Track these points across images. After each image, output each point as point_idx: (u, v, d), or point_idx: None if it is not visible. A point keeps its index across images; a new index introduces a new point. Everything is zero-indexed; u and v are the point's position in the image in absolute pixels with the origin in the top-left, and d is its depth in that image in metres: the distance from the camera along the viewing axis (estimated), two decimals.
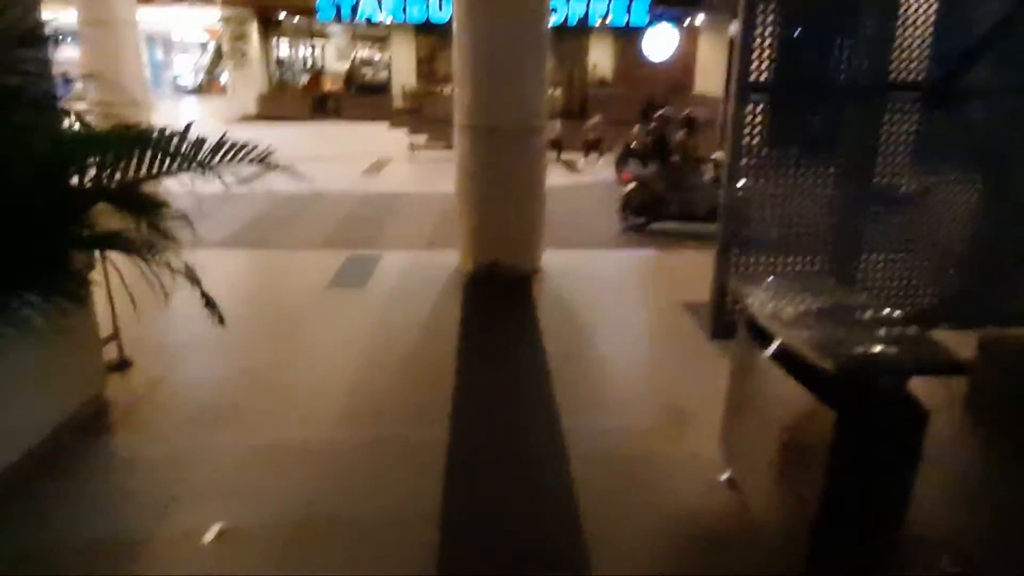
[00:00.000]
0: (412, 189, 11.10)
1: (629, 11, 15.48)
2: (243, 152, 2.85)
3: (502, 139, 5.98)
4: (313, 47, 19.97)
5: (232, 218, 8.89)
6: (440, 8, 15.28)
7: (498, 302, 5.89)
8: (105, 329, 4.29)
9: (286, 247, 7.55)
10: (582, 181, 12.20)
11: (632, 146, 11.89)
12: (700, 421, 3.77)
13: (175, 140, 2.74)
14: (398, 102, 16.92)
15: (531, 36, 5.93)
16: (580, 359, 4.80)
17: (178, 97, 26.42)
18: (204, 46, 28.63)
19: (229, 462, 3.44)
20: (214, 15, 16.59)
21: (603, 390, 4.31)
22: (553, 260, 6.67)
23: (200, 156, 2.78)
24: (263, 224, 8.65)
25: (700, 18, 17.09)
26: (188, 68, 30.16)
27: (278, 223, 8.72)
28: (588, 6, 15.25)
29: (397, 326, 5.23)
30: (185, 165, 2.76)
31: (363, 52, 22.10)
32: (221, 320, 3.18)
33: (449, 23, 16.54)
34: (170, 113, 18.69)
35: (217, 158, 2.80)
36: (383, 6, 15.27)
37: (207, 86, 24.83)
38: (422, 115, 15.84)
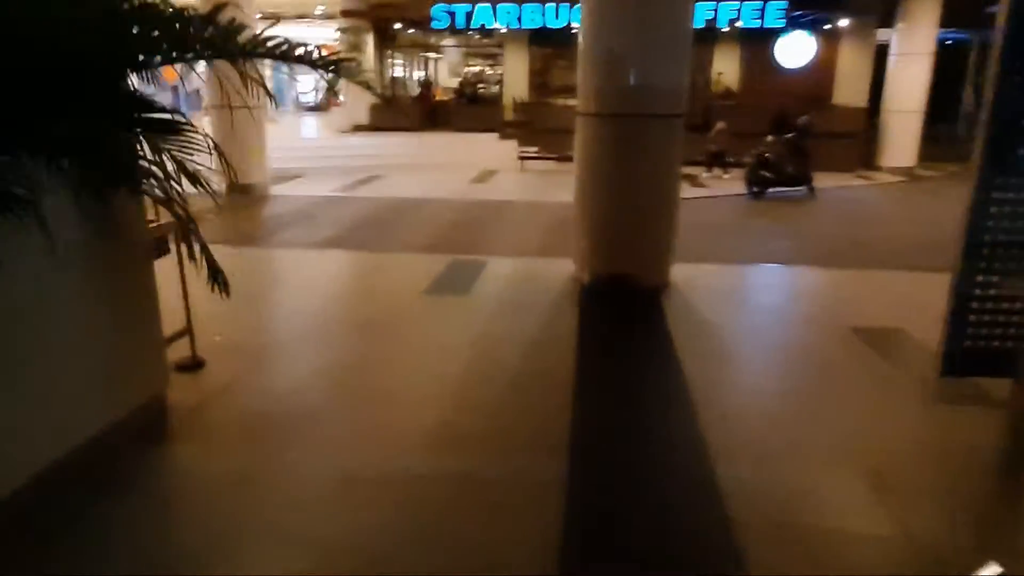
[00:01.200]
0: (521, 198, 10.43)
1: (763, 14, 14.28)
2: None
3: (636, 128, 5.14)
4: (426, 60, 20.00)
5: (336, 221, 8.52)
6: (556, 15, 14.71)
7: (622, 318, 5.01)
8: (177, 323, 3.78)
9: (387, 250, 7.01)
10: (708, 194, 11.11)
11: (766, 157, 10.73)
12: (910, 489, 2.75)
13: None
14: (509, 113, 16.45)
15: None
16: (730, 389, 3.84)
17: (299, 113, 27.43)
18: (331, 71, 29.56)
19: (296, 491, 2.76)
20: (335, 32, 16.81)
21: (766, 433, 3.34)
22: (684, 274, 5.71)
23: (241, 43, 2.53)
24: (366, 227, 8.20)
25: (841, 23, 15.62)
26: (310, 86, 31.41)
27: (381, 227, 8.25)
28: (716, 8, 14.19)
29: (503, 338, 4.47)
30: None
31: (475, 68, 21.95)
32: (226, 290, 2.94)
33: (565, 29, 16.23)
34: (288, 127, 19.17)
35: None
36: (497, 14, 14.87)
37: (327, 103, 25.53)
38: (533, 126, 15.28)
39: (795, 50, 15.37)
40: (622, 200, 5.32)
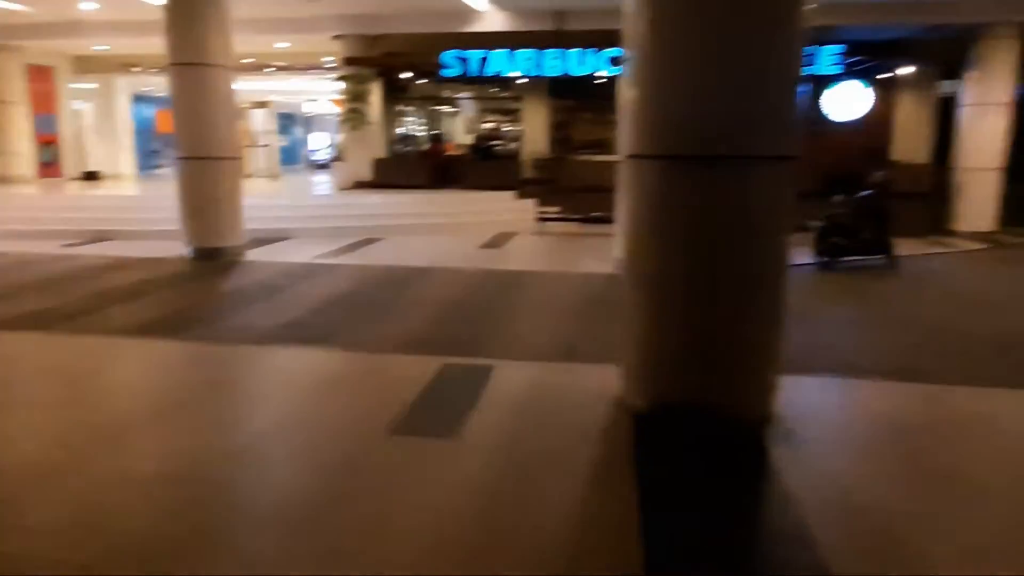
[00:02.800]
0: (541, 267, 8.61)
1: (816, 59, 12.66)
2: None
3: (729, 175, 3.31)
4: (439, 114, 18.67)
5: (306, 298, 6.72)
6: (580, 62, 13.19)
7: (710, 488, 3.05)
8: None
9: (357, 346, 5.14)
10: None
11: (838, 220, 8.89)
12: None
13: None
14: (527, 170, 14.84)
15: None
16: None
17: (310, 171, 26.24)
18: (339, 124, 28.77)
19: None
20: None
21: None
22: (786, 395, 3.76)
23: None
24: (340, 308, 6.38)
25: (900, 71, 13.97)
26: (321, 144, 30.39)
27: (361, 308, 6.42)
28: None
29: (512, 532, 2.54)
30: None
31: (491, 124, 20.60)
32: None
33: (588, 79, 14.75)
34: (290, 184, 17.71)
35: None
36: (514, 60, 13.38)
37: (337, 160, 24.37)
38: (554, 184, 13.64)
39: (847, 101, 13.70)
40: (706, 283, 3.44)
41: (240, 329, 5.62)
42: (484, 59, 13.41)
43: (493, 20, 12.98)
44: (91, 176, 17.38)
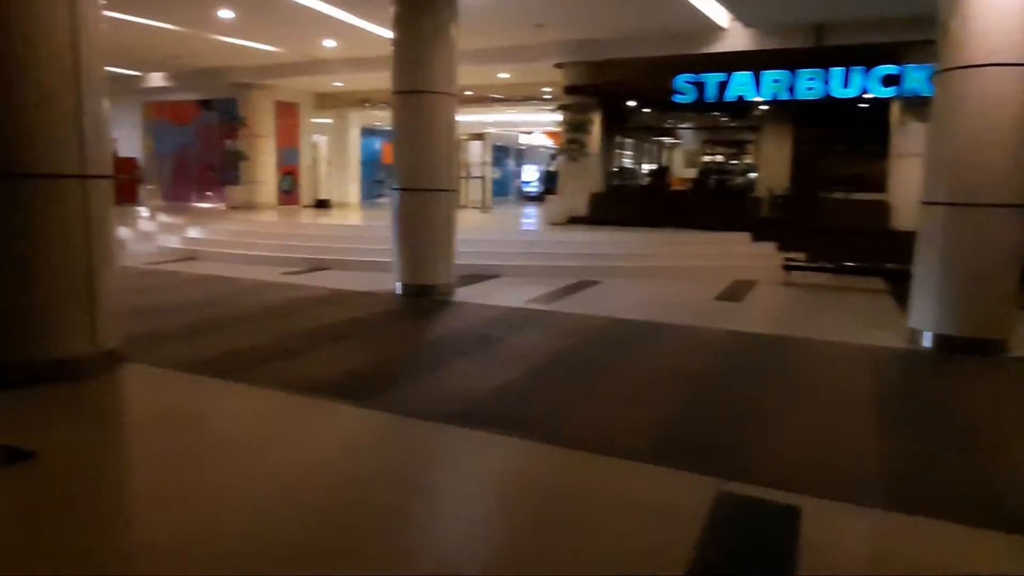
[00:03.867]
0: (803, 332, 6.78)
1: None
2: None
3: None
4: (660, 146, 17.29)
5: (517, 354, 5.64)
6: (846, 83, 11.07)
7: None
8: None
9: (584, 441, 3.86)
10: None
11: None
12: None
13: None
14: (765, 209, 12.88)
15: None
16: None
17: (520, 203, 26.13)
18: (553, 156, 28.65)
19: None
20: (558, 118, 14.79)
21: None
22: None
23: None
24: (557, 373, 5.19)
25: None
26: (533, 176, 30.37)
27: (583, 374, 5.17)
28: None
29: None
30: None
31: (714, 156, 18.78)
32: None
33: (851, 102, 12.45)
34: (500, 217, 17.36)
35: None
36: (760, 84, 11.61)
37: (548, 193, 24.08)
38: (798, 226, 11.58)
39: None
40: None
41: (444, 394, 4.62)
42: (723, 83, 11.81)
43: (737, 39, 11.40)
44: (322, 204, 18.40)
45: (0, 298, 4.53)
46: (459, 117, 8.61)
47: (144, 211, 15.81)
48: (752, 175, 15.25)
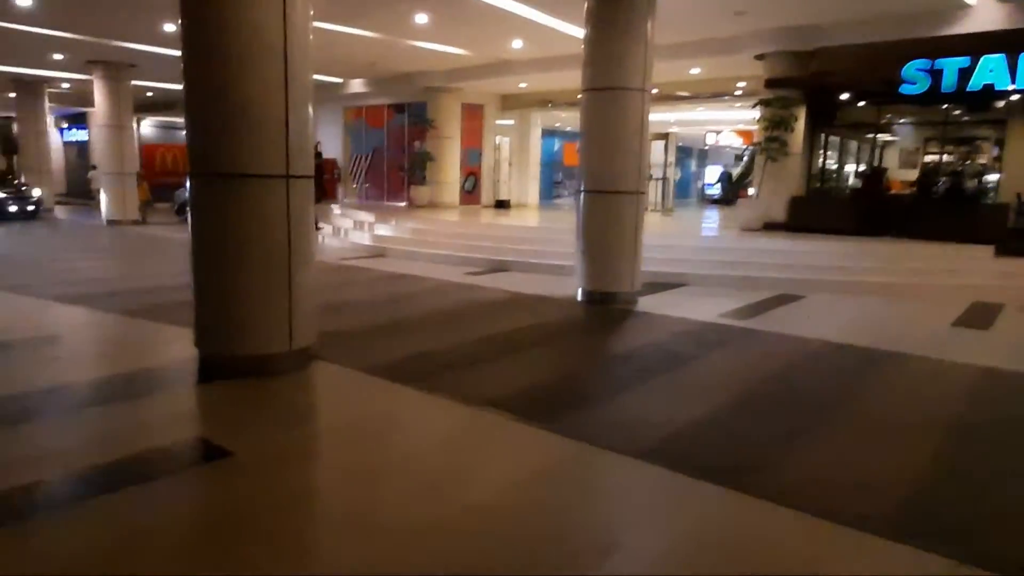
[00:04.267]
0: None
1: None
2: None
3: None
4: (873, 145, 15.35)
5: (714, 377, 4.98)
6: None
7: None
8: None
9: (791, 493, 3.17)
10: None
11: None
12: None
13: None
14: (1012, 217, 10.87)
15: None
16: None
17: (703, 206, 24.80)
18: (739, 157, 26.97)
19: None
20: (750, 116, 13.63)
21: None
22: None
23: None
24: (764, 408, 4.46)
25: None
26: (716, 178, 28.74)
27: (798, 413, 4.40)
28: None
29: None
30: None
31: (941, 156, 16.36)
32: None
33: None
34: (682, 221, 16.47)
35: None
36: (1019, 68, 9.73)
37: (734, 196, 22.71)
38: None
39: None
40: None
41: (637, 422, 4.12)
42: (966, 70, 10.08)
43: (985, 16, 9.66)
44: (502, 204, 18.60)
45: (211, 294, 4.74)
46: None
47: (339, 208, 16.88)
48: (990, 177, 13.01)
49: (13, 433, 3.72)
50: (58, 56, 15.70)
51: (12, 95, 20.49)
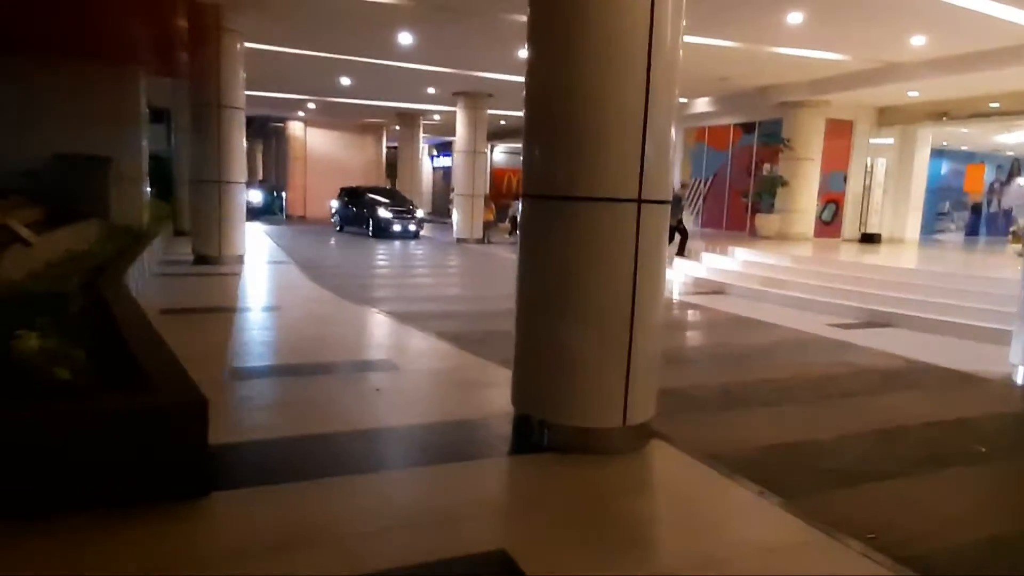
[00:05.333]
0: None
1: None
2: None
3: None
4: None
5: None
6: None
7: None
8: None
9: None
10: None
11: None
12: None
13: None
14: None
15: None
16: None
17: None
18: None
19: None
20: None
21: None
22: None
23: None
24: None
25: None
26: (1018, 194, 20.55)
27: None
28: None
29: None
30: None
31: None
32: None
33: None
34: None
35: None
36: None
37: None
38: None
39: None
40: None
41: None
42: None
43: None
44: (869, 238, 15.50)
45: (533, 343, 3.83)
46: None
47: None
48: None
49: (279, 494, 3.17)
50: (431, 90, 17.40)
51: (397, 127, 23.77)
